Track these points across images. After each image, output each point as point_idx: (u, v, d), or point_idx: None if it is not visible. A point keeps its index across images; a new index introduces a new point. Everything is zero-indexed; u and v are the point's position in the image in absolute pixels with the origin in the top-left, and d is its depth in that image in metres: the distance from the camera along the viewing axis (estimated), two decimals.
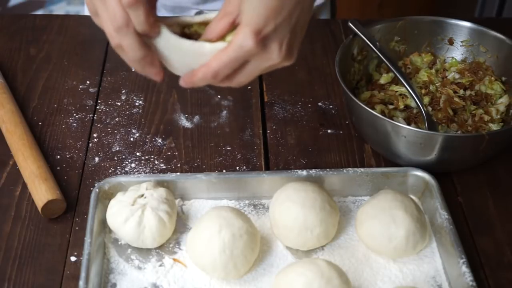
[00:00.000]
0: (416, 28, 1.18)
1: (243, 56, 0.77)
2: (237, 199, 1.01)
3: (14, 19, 1.38)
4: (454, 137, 1.00)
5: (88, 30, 1.35)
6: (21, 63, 1.26)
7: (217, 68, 0.78)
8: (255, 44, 0.76)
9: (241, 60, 0.78)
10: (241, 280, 0.91)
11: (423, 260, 0.94)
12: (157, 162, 1.07)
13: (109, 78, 1.23)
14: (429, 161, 1.01)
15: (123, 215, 0.92)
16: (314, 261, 0.86)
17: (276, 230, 0.95)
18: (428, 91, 1.12)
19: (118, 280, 0.91)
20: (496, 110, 1.09)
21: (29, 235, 0.96)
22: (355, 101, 1.01)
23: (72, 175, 1.05)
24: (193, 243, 0.91)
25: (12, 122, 1.08)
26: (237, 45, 0.76)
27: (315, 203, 0.93)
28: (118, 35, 0.76)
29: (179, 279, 0.91)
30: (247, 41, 0.75)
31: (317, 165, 1.07)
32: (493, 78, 1.13)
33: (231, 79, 0.80)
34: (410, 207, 0.94)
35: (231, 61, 0.77)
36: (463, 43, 1.17)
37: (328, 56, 1.28)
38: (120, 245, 0.95)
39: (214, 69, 0.78)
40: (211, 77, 0.78)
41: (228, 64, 0.77)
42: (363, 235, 0.95)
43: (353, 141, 1.12)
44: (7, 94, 1.14)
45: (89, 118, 1.15)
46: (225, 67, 0.78)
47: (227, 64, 0.77)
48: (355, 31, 1.11)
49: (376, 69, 1.17)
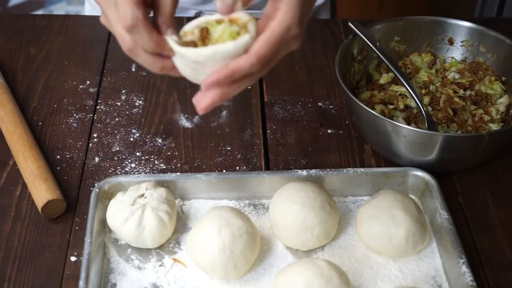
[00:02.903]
0: (416, 28, 1.18)
1: (287, 41, 0.74)
2: (237, 199, 1.01)
3: (14, 19, 1.38)
4: (454, 137, 1.00)
5: (88, 30, 1.35)
6: (21, 63, 1.26)
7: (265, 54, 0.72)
8: (300, 31, 0.73)
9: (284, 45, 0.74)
10: (241, 280, 0.91)
11: (423, 260, 0.94)
12: (157, 162, 1.07)
13: (109, 78, 1.23)
14: (429, 161, 1.01)
15: (123, 215, 0.92)
16: (314, 261, 0.86)
17: (276, 230, 0.95)
18: (428, 91, 1.12)
19: (118, 280, 0.91)
20: (496, 110, 1.09)
21: (29, 235, 0.96)
22: (355, 101, 1.01)
23: (72, 175, 1.05)
24: (193, 243, 0.91)
25: (12, 122, 1.08)
26: (285, 29, 0.72)
27: (315, 203, 0.93)
28: (131, 34, 0.74)
29: (179, 279, 0.91)
30: (296, 27, 0.73)
31: (317, 165, 1.07)
32: (493, 78, 1.13)
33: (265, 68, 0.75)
34: (410, 207, 0.94)
35: (278, 44, 0.73)
36: (463, 43, 1.17)
37: (328, 56, 1.28)
38: (120, 245, 0.95)
39: (262, 56, 0.72)
40: (260, 66, 0.73)
41: (274, 49, 0.73)
42: (363, 235, 0.95)
43: (353, 141, 1.12)
44: (7, 94, 1.14)
45: (89, 118, 1.15)
46: (271, 53, 0.73)
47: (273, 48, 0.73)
48: (355, 31, 1.11)
49: (376, 69, 1.17)
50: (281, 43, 0.73)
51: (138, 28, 0.73)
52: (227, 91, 0.75)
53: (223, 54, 0.72)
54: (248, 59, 0.72)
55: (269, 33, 0.73)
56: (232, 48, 0.72)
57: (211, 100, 0.74)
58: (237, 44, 0.72)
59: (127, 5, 0.73)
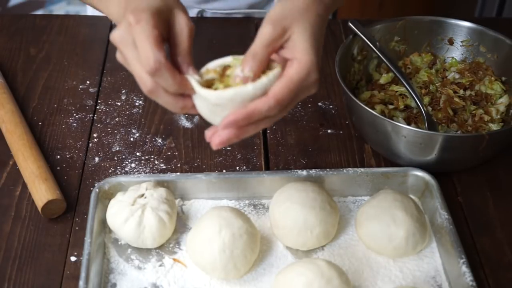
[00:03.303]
0: (416, 28, 1.18)
1: (304, 87, 0.75)
2: (237, 199, 1.01)
3: (14, 19, 1.38)
4: (454, 137, 1.00)
5: (88, 30, 1.35)
6: (21, 63, 1.26)
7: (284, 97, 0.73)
8: (318, 77, 0.74)
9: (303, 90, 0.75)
10: (241, 280, 0.91)
11: (423, 260, 0.94)
12: (157, 162, 1.07)
13: (109, 78, 1.23)
14: (429, 161, 1.01)
15: (123, 215, 0.92)
16: (314, 261, 0.86)
17: (276, 230, 0.95)
18: (428, 91, 1.12)
19: (118, 280, 0.91)
20: (496, 110, 1.09)
21: (29, 235, 0.96)
22: (355, 101, 1.01)
23: (72, 175, 1.05)
24: (193, 243, 0.91)
25: (12, 122, 1.08)
26: (304, 75, 0.73)
27: (315, 203, 0.93)
28: (154, 77, 0.73)
29: (179, 279, 0.91)
30: (314, 73, 0.74)
31: (317, 165, 1.07)
32: (493, 78, 1.13)
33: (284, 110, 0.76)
34: (410, 207, 0.94)
35: (296, 89, 0.74)
36: (463, 43, 1.17)
37: (328, 56, 1.28)
38: (120, 245, 0.95)
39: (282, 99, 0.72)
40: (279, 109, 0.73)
41: (292, 94, 0.73)
42: (363, 235, 0.95)
43: (353, 141, 1.12)
44: (7, 94, 1.14)
45: (89, 118, 1.15)
46: (289, 97, 0.73)
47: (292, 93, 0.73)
48: (355, 31, 1.11)
49: (376, 69, 1.17)
50: (300, 88, 0.74)
51: (161, 71, 0.72)
52: (244, 131, 0.75)
53: (243, 96, 0.73)
54: (266, 102, 0.73)
55: (288, 78, 0.73)
56: (252, 91, 0.73)
57: (227, 138, 0.75)
58: (256, 86, 0.73)
59: (148, 47, 0.71)
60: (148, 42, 0.71)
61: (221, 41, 1.32)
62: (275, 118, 0.77)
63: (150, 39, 0.71)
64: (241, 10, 1.39)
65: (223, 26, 1.36)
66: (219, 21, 1.38)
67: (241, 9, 1.39)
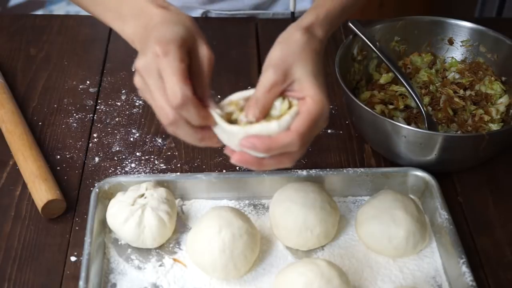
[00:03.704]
0: (416, 28, 1.18)
1: (323, 120, 0.77)
2: (237, 199, 1.01)
3: (14, 19, 1.38)
4: (454, 137, 1.00)
5: (88, 30, 1.35)
6: (21, 63, 1.26)
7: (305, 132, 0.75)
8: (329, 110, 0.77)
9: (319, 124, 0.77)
10: (241, 280, 0.91)
11: (423, 260, 0.94)
12: (157, 162, 1.07)
13: (109, 78, 1.23)
14: (429, 161, 1.01)
15: (123, 215, 0.92)
16: (314, 261, 0.86)
17: (276, 230, 0.95)
18: (428, 91, 1.12)
19: (118, 280, 0.91)
20: (496, 110, 1.09)
21: (29, 235, 0.96)
22: (355, 101, 1.01)
23: (72, 175, 1.05)
24: (193, 243, 0.91)
25: (12, 122, 1.08)
26: (320, 110, 0.75)
27: (315, 203, 0.93)
28: (179, 111, 0.73)
29: (179, 279, 0.91)
30: (327, 107, 0.76)
31: (317, 165, 1.07)
32: (493, 78, 1.13)
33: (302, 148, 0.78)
34: (410, 207, 0.94)
35: (314, 125, 0.76)
36: (463, 43, 1.17)
37: (328, 56, 1.27)
38: (120, 245, 0.95)
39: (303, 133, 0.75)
40: (301, 143, 0.75)
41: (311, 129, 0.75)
42: (363, 235, 0.95)
43: (353, 141, 1.12)
44: (7, 94, 1.14)
45: (89, 118, 1.15)
46: (309, 132, 0.75)
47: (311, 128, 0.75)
48: (355, 31, 1.11)
49: (376, 69, 1.17)
50: (317, 122, 0.76)
51: (187, 106, 0.72)
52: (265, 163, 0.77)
53: (268, 132, 0.75)
54: (289, 135, 0.75)
55: (307, 113, 0.75)
56: (277, 128, 0.75)
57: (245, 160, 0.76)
58: (281, 124, 0.75)
59: (176, 81, 0.72)
60: (175, 76, 0.72)
61: (222, 41, 1.32)
62: (297, 154, 0.78)
63: (178, 73, 0.72)
64: (245, 11, 1.39)
65: (224, 26, 1.36)
66: (220, 21, 1.38)
67: (245, 10, 1.39)
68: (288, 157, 0.77)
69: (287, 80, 0.77)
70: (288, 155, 0.77)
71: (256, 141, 0.74)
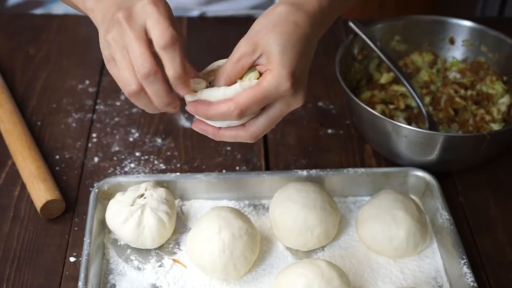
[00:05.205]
0: (417, 28, 1.17)
1: (274, 97, 0.76)
2: (237, 200, 1.01)
3: (13, 19, 1.38)
4: (455, 137, 1.00)
5: (87, 29, 1.35)
6: (20, 63, 1.26)
7: (246, 104, 0.75)
8: (291, 86, 0.75)
9: (271, 100, 0.76)
10: (241, 281, 0.90)
11: (424, 261, 0.94)
12: (157, 162, 1.07)
13: (109, 78, 1.23)
14: (430, 161, 1.01)
15: (122, 215, 0.92)
16: (314, 261, 0.86)
17: (276, 231, 0.95)
18: (429, 91, 1.12)
19: (117, 281, 0.90)
20: (497, 110, 1.09)
21: (28, 235, 0.96)
22: (355, 101, 1.01)
23: (71, 175, 1.05)
24: (193, 244, 0.90)
25: (11, 122, 1.08)
26: (273, 85, 0.75)
27: (315, 203, 0.92)
28: (144, 82, 0.73)
29: (178, 279, 0.91)
30: (285, 83, 0.75)
31: (317, 165, 1.07)
32: (494, 78, 1.13)
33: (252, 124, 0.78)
34: (411, 208, 0.94)
35: (263, 98, 0.75)
36: (464, 42, 1.17)
37: (328, 56, 1.28)
38: (120, 246, 0.95)
39: (242, 104, 0.75)
40: (238, 113, 0.75)
41: (258, 102, 0.75)
42: (363, 236, 0.94)
43: (353, 141, 1.12)
44: (5, 93, 1.14)
45: (88, 118, 1.15)
46: (254, 104, 0.75)
47: (257, 101, 0.75)
48: (356, 31, 1.11)
49: (377, 68, 1.17)
50: (268, 97, 0.76)
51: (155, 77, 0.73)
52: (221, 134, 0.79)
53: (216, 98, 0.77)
54: (227, 102, 0.76)
55: (257, 86, 0.76)
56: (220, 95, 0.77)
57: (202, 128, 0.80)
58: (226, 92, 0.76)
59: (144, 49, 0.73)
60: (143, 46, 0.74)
61: (220, 41, 1.32)
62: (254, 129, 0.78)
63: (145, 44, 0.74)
64: (242, 12, 1.38)
65: (222, 26, 1.36)
66: (219, 21, 1.38)
67: (242, 11, 1.38)
68: (245, 130, 0.78)
69: (256, 53, 0.76)
70: (243, 128, 0.78)
71: (198, 106, 0.77)
